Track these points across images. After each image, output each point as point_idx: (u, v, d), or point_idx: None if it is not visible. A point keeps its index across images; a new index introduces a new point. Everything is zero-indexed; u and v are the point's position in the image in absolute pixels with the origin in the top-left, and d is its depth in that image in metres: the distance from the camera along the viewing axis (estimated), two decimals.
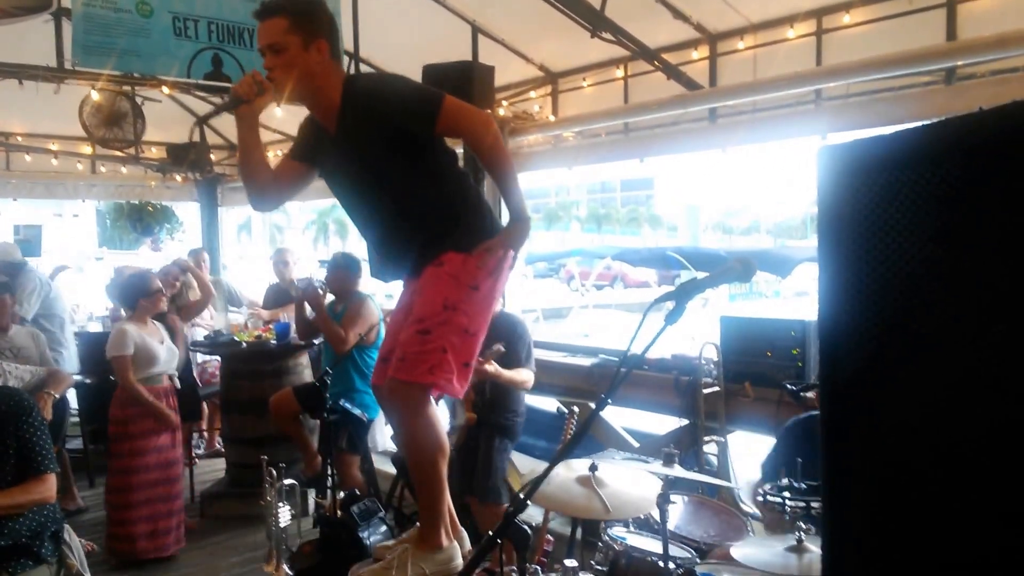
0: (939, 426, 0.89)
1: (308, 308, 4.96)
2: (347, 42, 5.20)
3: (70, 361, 5.86)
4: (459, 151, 2.87)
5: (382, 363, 2.50)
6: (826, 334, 0.99)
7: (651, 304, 1.55)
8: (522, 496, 1.59)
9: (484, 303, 2.39)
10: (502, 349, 3.77)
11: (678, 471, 2.75)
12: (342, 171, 2.46)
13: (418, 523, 2.51)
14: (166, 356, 4.77)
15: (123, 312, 5.36)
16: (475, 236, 2.34)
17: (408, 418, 2.37)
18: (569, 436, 3.79)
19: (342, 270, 4.78)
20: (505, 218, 2.45)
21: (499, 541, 1.79)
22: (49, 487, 2.97)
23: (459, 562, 2.45)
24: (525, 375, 4.10)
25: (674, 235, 42.64)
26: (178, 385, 4.92)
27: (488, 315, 2.45)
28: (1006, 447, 0.82)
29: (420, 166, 2.34)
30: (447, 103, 2.28)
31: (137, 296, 4.74)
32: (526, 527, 1.78)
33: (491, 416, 4.08)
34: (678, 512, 3.30)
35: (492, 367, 3.79)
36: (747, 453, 4.83)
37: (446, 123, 2.28)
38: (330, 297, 4.89)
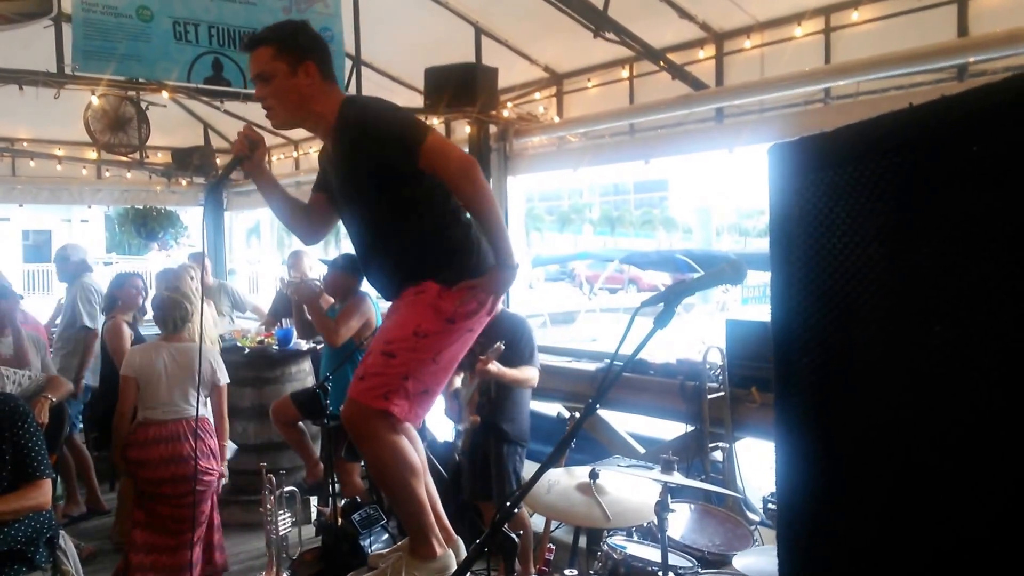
0: (887, 424, 0.88)
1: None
2: (348, 45, 5.17)
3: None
4: None
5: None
6: (778, 335, 0.97)
7: (639, 306, 1.51)
8: (508, 504, 1.55)
9: (456, 338, 2.32)
10: (502, 347, 3.70)
11: (678, 478, 2.68)
12: (338, 188, 2.46)
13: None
14: None
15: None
16: (458, 273, 2.28)
17: (364, 443, 2.33)
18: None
19: (341, 271, 4.72)
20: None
21: (487, 549, 1.75)
22: (44, 493, 2.95)
23: (454, 569, 2.40)
24: (529, 373, 4.06)
25: (689, 238, 42.32)
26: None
27: (457, 353, 2.38)
28: (953, 444, 0.81)
29: (406, 199, 2.29)
30: (427, 144, 2.20)
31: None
32: (514, 536, 1.73)
33: (497, 419, 4.00)
34: (683, 521, 3.23)
35: (495, 367, 3.72)
36: (755, 460, 4.75)
37: (427, 162, 2.21)
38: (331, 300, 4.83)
